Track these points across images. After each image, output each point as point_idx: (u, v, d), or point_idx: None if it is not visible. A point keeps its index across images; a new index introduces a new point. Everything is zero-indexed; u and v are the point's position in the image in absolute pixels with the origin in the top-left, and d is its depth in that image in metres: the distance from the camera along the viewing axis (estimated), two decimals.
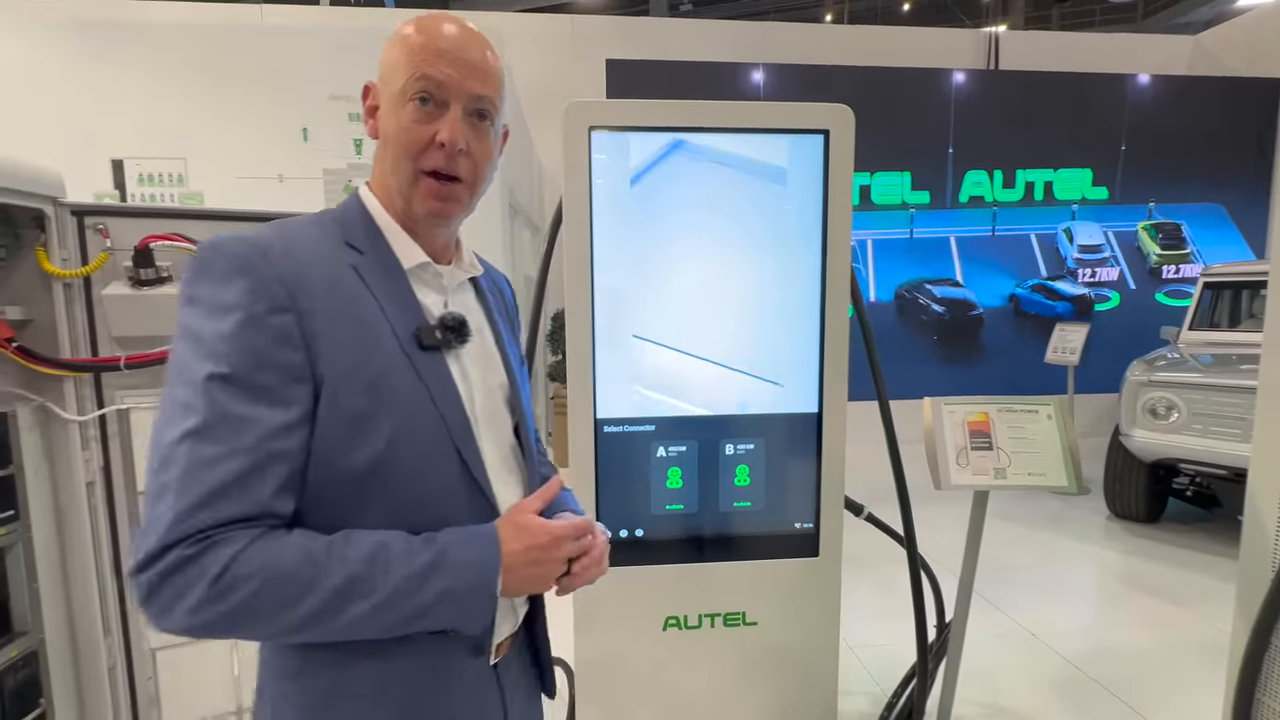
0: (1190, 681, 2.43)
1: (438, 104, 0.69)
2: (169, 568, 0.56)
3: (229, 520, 0.58)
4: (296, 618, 0.59)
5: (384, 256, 0.72)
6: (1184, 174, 6.33)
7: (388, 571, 0.61)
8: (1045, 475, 1.53)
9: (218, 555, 0.56)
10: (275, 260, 0.64)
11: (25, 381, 1.32)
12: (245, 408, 0.60)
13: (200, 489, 0.57)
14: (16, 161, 1.25)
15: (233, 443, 0.59)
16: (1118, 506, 4.05)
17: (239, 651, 1.55)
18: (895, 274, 6.17)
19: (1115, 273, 6.39)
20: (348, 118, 3.46)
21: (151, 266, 1.37)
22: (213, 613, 0.56)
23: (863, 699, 2.34)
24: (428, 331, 0.71)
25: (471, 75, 0.70)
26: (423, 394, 0.69)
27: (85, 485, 1.39)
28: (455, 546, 0.65)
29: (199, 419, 0.58)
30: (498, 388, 0.80)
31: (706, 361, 1.65)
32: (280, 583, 0.58)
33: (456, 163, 0.70)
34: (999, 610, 3.00)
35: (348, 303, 0.67)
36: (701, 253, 1.62)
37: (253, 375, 0.61)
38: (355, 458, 0.65)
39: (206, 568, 0.56)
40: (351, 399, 0.64)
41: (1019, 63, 6.54)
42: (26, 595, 1.32)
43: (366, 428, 0.65)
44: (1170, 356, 3.94)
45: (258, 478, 0.59)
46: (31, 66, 3.51)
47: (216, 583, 0.56)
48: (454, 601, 0.64)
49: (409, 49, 0.69)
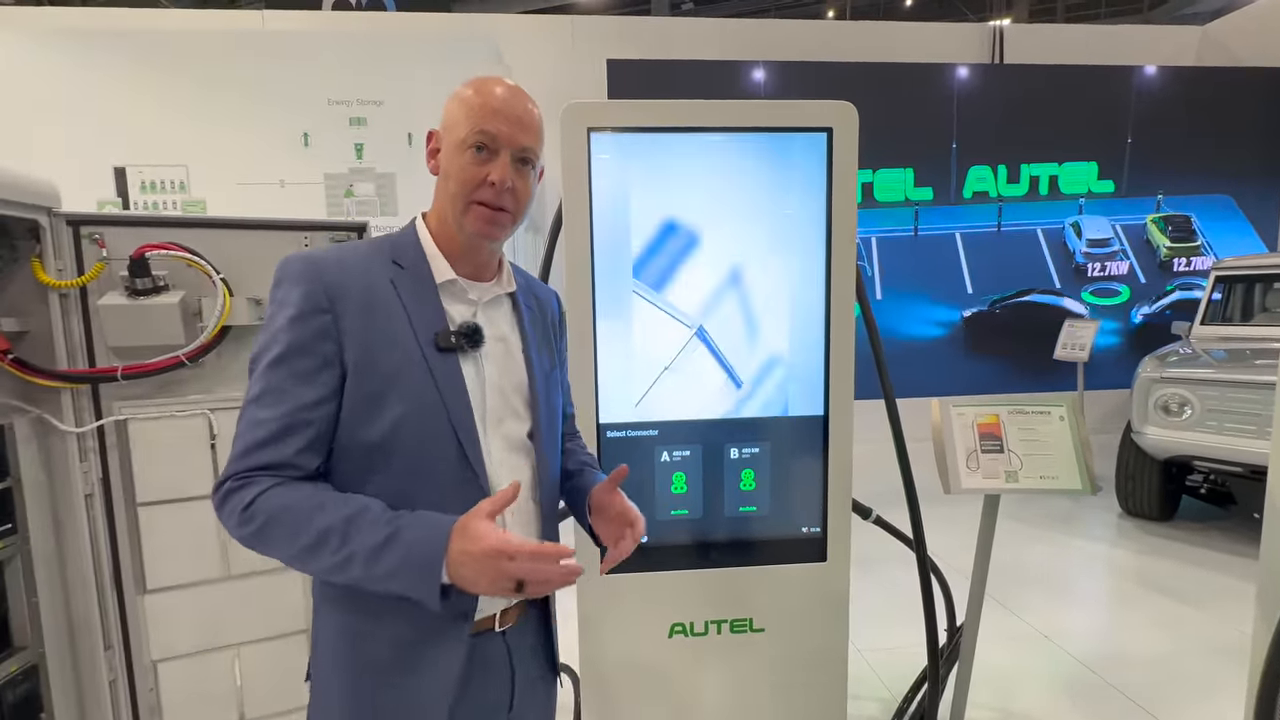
0: (1209, 685, 2.39)
1: (491, 152, 0.86)
2: (223, 495, 0.77)
3: (260, 466, 0.77)
4: (294, 550, 0.76)
5: (420, 272, 0.88)
6: (1192, 165, 6.25)
7: (356, 534, 0.75)
8: (1058, 478, 1.50)
9: (248, 492, 0.76)
10: (326, 272, 0.83)
11: (22, 393, 1.31)
12: (287, 384, 0.79)
13: (248, 440, 0.78)
14: (10, 172, 1.24)
15: (274, 409, 0.79)
16: (1130, 505, 3.99)
17: (240, 662, 1.54)
18: (903, 273, 6.10)
19: (1125, 266, 6.31)
20: (348, 122, 3.45)
21: (147, 276, 1.36)
22: (245, 532, 0.76)
23: (873, 704, 2.31)
24: (444, 335, 0.86)
25: (519, 130, 0.87)
26: (431, 386, 0.84)
27: (84, 497, 1.38)
28: (409, 529, 0.76)
29: (258, 389, 0.80)
30: (514, 389, 0.92)
31: (710, 360, 1.62)
32: (282, 521, 0.75)
33: (503, 198, 0.87)
34: (1010, 612, 2.95)
35: (378, 309, 0.84)
36: (703, 251, 1.60)
37: (296, 360, 0.80)
38: (369, 431, 0.82)
39: (241, 499, 0.76)
40: (369, 383, 0.81)
41: (1024, 56, 6.47)
42: (25, 609, 1.31)
43: (380, 407, 0.82)
44: (1183, 352, 3.88)
45: (286, 438, 0.78)
46: (36, 75, 3.52)
47: (245, 511, 0.76)
48: (404, 578, 0.75)
49: (470, 107, 0.86)
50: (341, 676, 0.85)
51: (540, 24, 6.37)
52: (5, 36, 3.64)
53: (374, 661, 0.84)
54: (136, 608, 1.45)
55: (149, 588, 1.45)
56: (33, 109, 3.49)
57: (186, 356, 1.40)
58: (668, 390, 1.63)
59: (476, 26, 6.04)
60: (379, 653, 0.84)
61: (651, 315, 1.60)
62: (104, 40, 3.64)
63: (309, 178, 3.43)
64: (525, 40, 5.85)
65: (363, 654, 0.84)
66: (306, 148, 3.47)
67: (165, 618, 1.47)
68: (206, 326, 1.41)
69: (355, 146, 3.42)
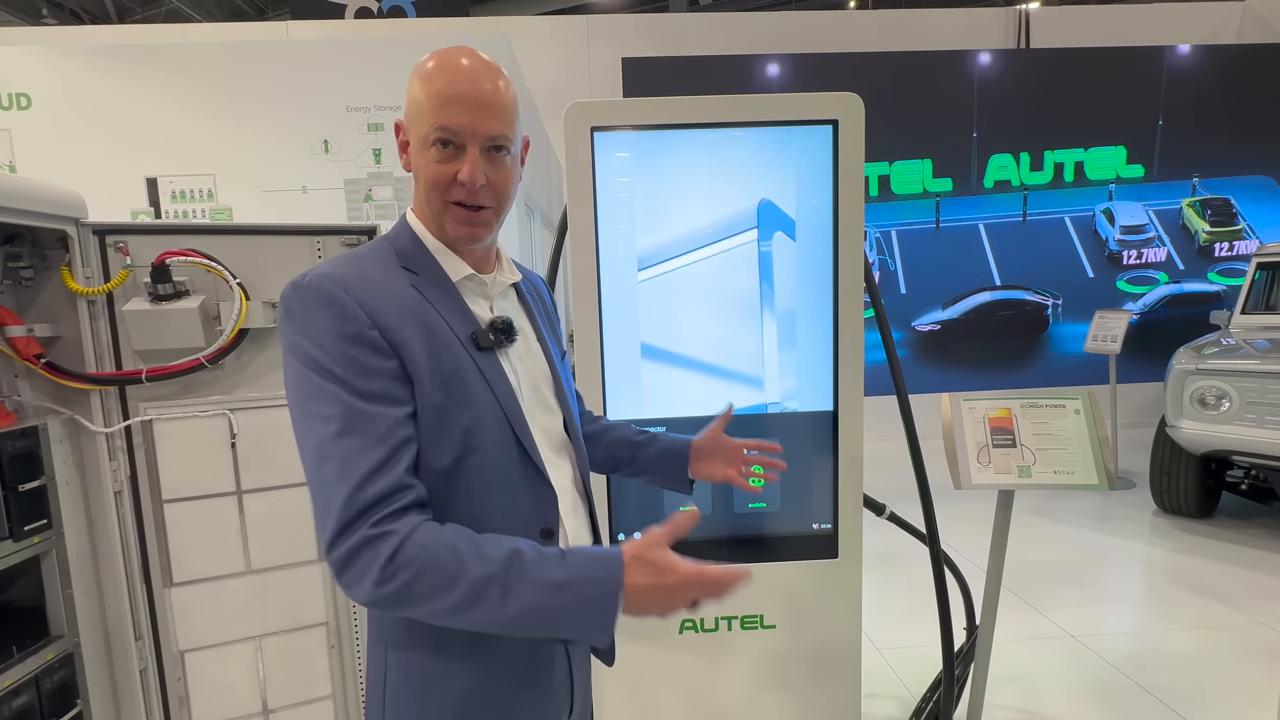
0: (1246, 689, 2.29)
1: (457, 146, 0.78)
2: (350, 550, 0.67)
3: (380, 497, 0.68)
4: (444, 606, 0.67)
5: (435, 273, 0.82)
6: (1229, 146, 5.97)
7: (518, 582, 0.67)
8: (1073, 473, 1.46)
9: (386, 544, 0.67)
10: (353, 288, 0.74)
11: (54, 395, 1.38)
12: (370, 408, 0.71)
13: (357, 474, 0.68)
14: (41, 185, 1.31)
15: (369, 435, 0.70)
16: (1165, 501, 3.86)
17: (263, 654, 1.59)
18: (925, 266, 5.98)
19: (1162, 253, 6.08)
20: (366, 128, 3.53)
21: (169, 282, 1.41)
22: (383, 592, 0.67)
23: (891, 703, 2.28)
24: (483, 334, 0.81)
25: (484, 116, 0.77)
26: (485, 389, 0.79)
27: (113, 494, 1.45)
28: (579, 567, 0.69)
29: (339, 424, 0.70)
30: (542, 380, 0.89)
31: (718, 355, 1.62)
32: (426, 578, 0.67)
33: (478, 195, 0.79)
34: (1036, 611, 2.88)
35: (416, 315, 0.77)
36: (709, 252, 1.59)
37: (365, 383, 0.71)
38: (442, 447, 0.75)
39: (379, 553, 0.66)
40: (432, 394, 0.75)
41: (1052, 40, 6.26)
42: (61, 600, 1.37)
43: (447, 419, 0.76)
44: (1223, 343, 3.73)
45: (395, 460, 0.70)
46: (75, 90, 3.68)
47: (387, 567, 0.66)
48: (574, 621, 0.69)
49: (428, 96, 0.77)
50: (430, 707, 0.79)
51: (555, 24, 6.41)
52: (48, 55, 3.81)
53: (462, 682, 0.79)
54: (164, 600, 1.51)
55: (175, 581, 1.51)
56: (73, 123, 3.65)
57: (207, 359, 1.45)
58: (676, 386, 1.63)
59: (493, 29, 6.11)
60: (467, 670, 0.78)
61: (657, 312, 1.61)
62: (137, 55, 3.79)
63: (330, 183, 3.52)
64: (541, 41, 5.89)
65: (447, 681, 0.78)
66: (327, 154, 3.56)
67: (191, 610, 1.53)
68: (225, 330, 1.46)
69: (374, 152, 3.49)
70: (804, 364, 1.64)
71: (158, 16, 8.41)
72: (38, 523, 1.32)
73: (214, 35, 5.17)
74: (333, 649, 1.65)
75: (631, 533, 1.67)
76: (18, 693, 1.25)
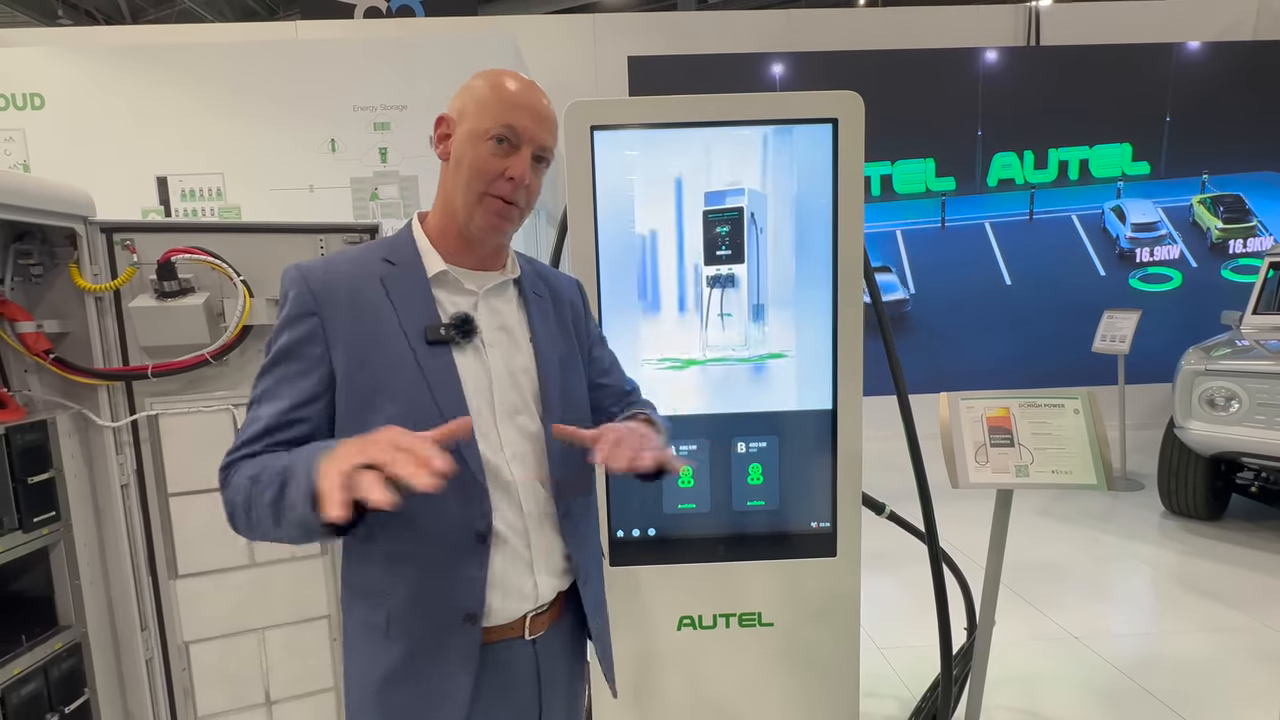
0: (1252, 694, 2.27)
1: (512, 146, 0.86)
2: (221, 478, 0.82)
3: (248, 456, 0.81)
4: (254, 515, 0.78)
5: (413, 268, 0.89)
6: (1238, 143, 5.88)
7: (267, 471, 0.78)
8: (1072, 473, 1.45)
9: (225, 473, 0.82)
10: (312, 278, 0.86)
11: (63, 390, 1.41)
12: (280, 385, 0.83)
13: (244, 435, 0.82)
14: (50, 184, 1.33)
15: (269, 408, 0.83)
16: (1174, 503, 3.82)
17: (266, 645, 1.61)
18: (934, 265, 5.94)
19: (1175, 251, 6.01)
20: (372, 127, 3.56)
21: (174, 279, 1.44)
22: (227, 506, 0.81)
23: (891, 702, 2.28)
24: (433, 329, 0.86)
25: (541, 126, 0.88)
26: (421, 383, 0.84)
27: (120, 487, 1.47)
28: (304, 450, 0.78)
29: (258, 391, 0.85)
30: (524, 378, 0.91)
31: (717, 353, 1.62)
32: (239, 487, 0.79)
33: (518, 193, 0.87)
34: (1040, 612, 2.86)
35: (364, 310, 0.85)
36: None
37: (287, 363, 0.84)
38: (363, 430, 0.76)
39: (225, 480, 0.82)
40: (359, 385, 0.83)
41: (1062, 37, 6.19)
42: (69, 591, 1.40)
43: (371, 408, 0.83)
44: (1236, 344, 3.69)
45: (276, 434, 0.82)
46: (89, 90, 3.74)
47: (224, 488, 0.81)
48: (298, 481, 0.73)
49: (497, 99, 0.86)
50: (362, 672, 0.87)
51: (562, 23, 6.41)
52: (60, 56, 3.87)
53: (389, 657, 0.85)
54: (169, 591, 1.54)
55: (180, 573, 1.54)
56: (86, 123, 3.70)
57: (211, 355, 1.48)
58: (675, 384, 1.64)
59: (500, 28, 6.12)
60: (392, 648, 0.84)
61: (657, 312, 1.61)
62: (149, 56, 3.84)
63: (337, 182, 3.55)
64: (548, 40, 5.90)
65: (377, 648, 0.85)
66: (334, 153, 3.59)
67: (196, 601, 1.55)
68: (229, 326, 1.48)
69: (380, 151, 3.52)
70: (804, 364, 1.64)
71: (170, 16, 8.51)
72: (46, 515, 1.34)
73: (224, 36, 5.22)
74: (335, 642, 1.68)
75: (630, 531, 1.68)
76: (27, 681, 1.28)
